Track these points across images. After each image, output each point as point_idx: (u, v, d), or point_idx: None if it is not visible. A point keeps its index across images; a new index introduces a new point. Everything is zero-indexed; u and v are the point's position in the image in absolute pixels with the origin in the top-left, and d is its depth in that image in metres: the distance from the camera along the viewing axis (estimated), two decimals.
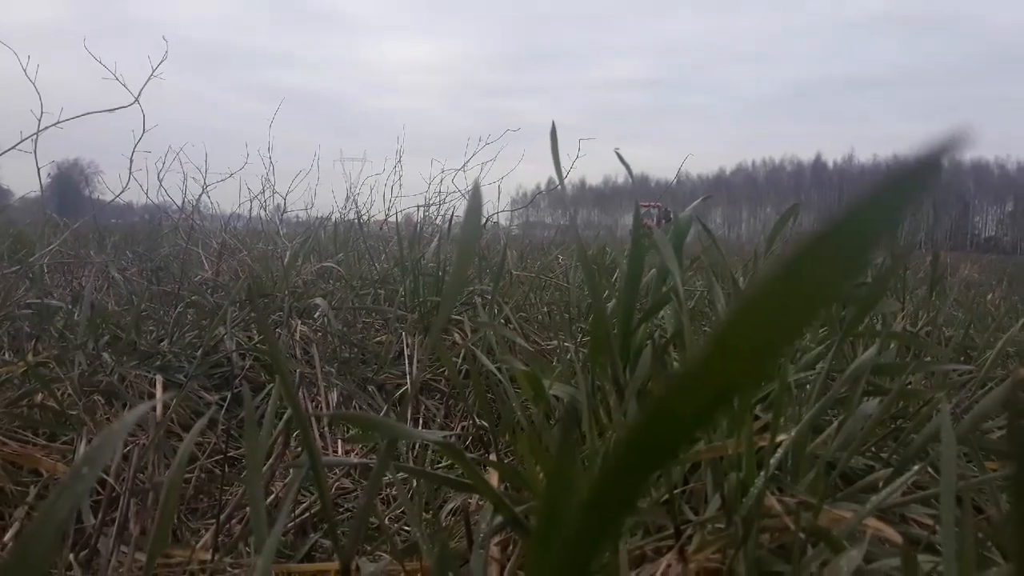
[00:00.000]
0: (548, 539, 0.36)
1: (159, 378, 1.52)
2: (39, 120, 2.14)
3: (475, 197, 0.75)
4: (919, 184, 0.20)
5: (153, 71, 2.43)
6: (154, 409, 1.52)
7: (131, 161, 2.73)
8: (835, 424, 1.09)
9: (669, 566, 0.82)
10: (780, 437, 0.94)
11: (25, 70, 2.33)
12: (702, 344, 0.23)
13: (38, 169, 2.34)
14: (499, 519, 0.86)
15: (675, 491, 0.96)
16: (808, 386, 1.26)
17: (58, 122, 2.17)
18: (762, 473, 0.84)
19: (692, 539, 0.87)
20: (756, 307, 0.22)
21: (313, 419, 1.84)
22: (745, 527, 0.80)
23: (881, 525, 0.81)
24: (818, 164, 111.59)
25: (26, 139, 2.17)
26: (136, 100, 2.39)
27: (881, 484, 0.99)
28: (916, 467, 0.91)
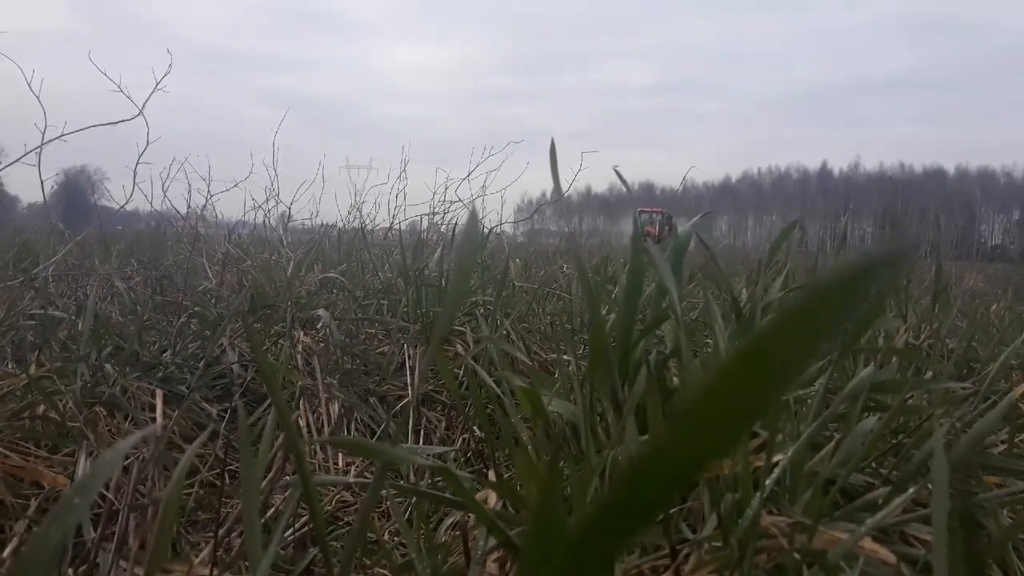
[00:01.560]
0: (537, 568, 0.37)
1: (159, 392, 1.52)
2: (43, 133, 2.15)
3: (472, 218, 0.75)
4: (875, 279, 0.21)
5: (157, 84, 2.44)
6: (155, 420, 1.52)
7: (135, 173, 2.74)
8: (834, 441, 1.09)
9: None
10: (777, 457, 0.94)
11: (29, 83, 2.34)
12: (673, 417, 0.23)
13: (42, 183, 2.35)
14: (494, 540, 0.86)
15: (672, 510, 0.96)
16: (808, 402, 1.26)
17: (62, 135, 2.18)
18: (758, 494, 0.84)
19: (688, 559, 0.87)
20: (724, 383, 0.22)
21: (314, 432, 1.85)
22: (741, 548, 0.80)
23: (876, 547, 0.81)
24: (824, 172, 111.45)
25: (29, 152, 2.18)
26: (140, 112, 2.40)
27: (880, 501, 0.99)
28: (911, 489, 0.91)
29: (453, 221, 4.93)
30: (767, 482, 0.87)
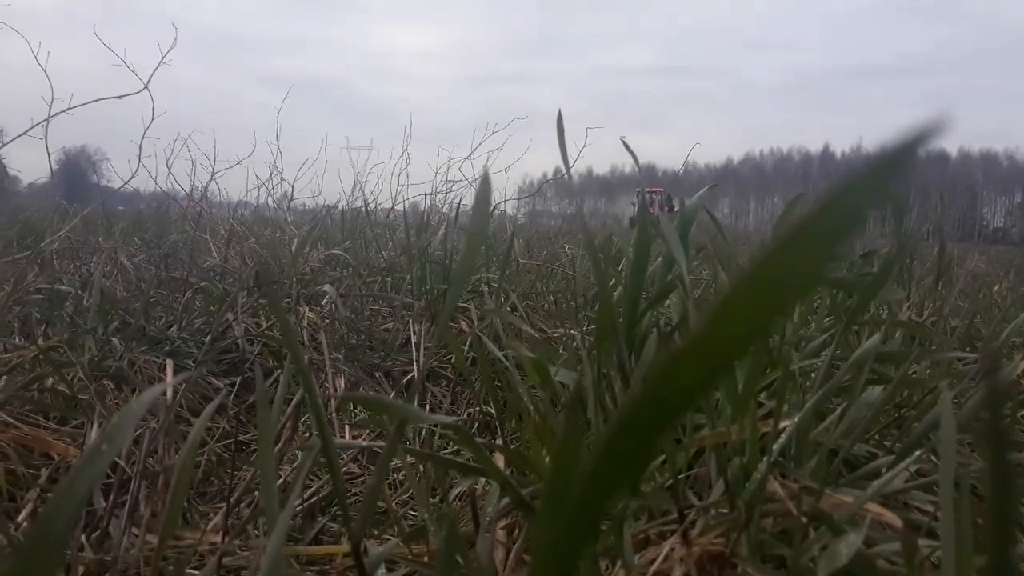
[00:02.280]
0: (553, 516, 0.38)
1: (169, 362, 1.53)
2: (50, 106, 2.15)
3: (484, 186, 0.76)
4: (896, 171, 0.21)
5: (163, 58, 2.44)
6: (164, 393, 1.53)
7: (140, 148, 2.74)
8: (838, 411, 1.10)
9: (672, 549, 0.83)
10: (783, 423, 0.95)
11: (36, 56, 2.34)
12: (698, 322, 0.24)
13: (48, 156, 2.35)
14: (505, 501, 0.87)
15: (679, 476, 0.97)
16: (812, 374, 1.27)
17: (68, 108, 2.18)
18: (765, 458, 0.85)
19: (696, 523, 0.88)
20: (747, 288, 0.23)
21: (322, 404, 1.86)
22: (748, 511, 0.81)
23: (882, 510, 0.82)
24: (826, 154, 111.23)
25: (35, 125, 2.18)
26: (145, 87, 2.40)
27: (884, 470, 1.00)
28: (916, 453, 0.92)
29: (456, 200, 4.93)
30: (774, 447, 0.88)
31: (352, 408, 1.86)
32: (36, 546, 0.49)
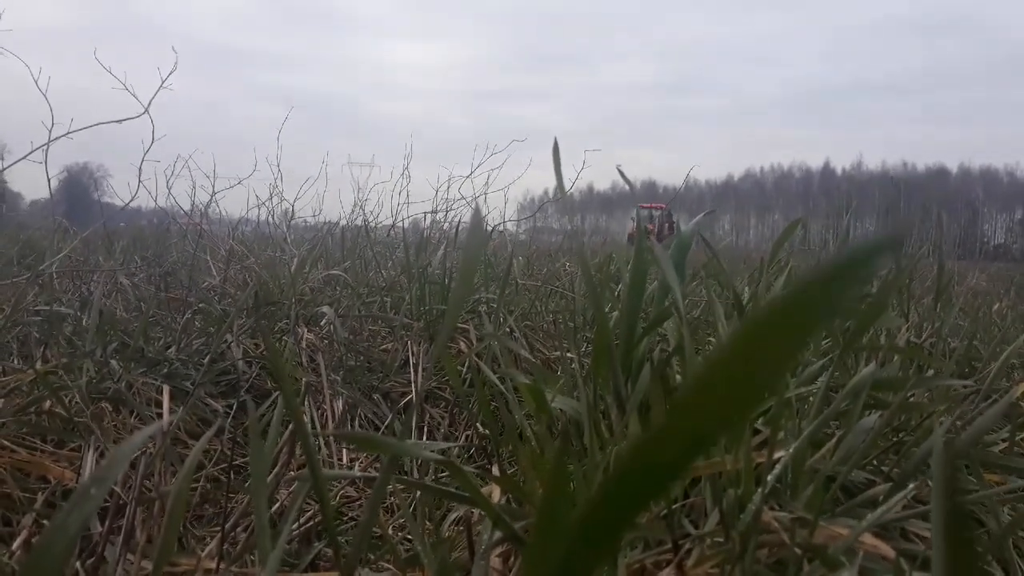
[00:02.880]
0: (542, 557, 0.38)
1: (166, 389, 1.53)
2: (50, 131, 2.16)
3: (477, 214, 0.76)
4: (865, 272, 0.22)
5: (163, 83, 2.45)
6: (160, 416, 1.54)
7: (140, 171, 2.75)
8: (835, 438, 1.10)
9: None
10: (778, 453, 0.95)
11: (36, 80, 2.35)
12: (682, 392, 0.24)
13: (48, 179, 2.36)
14: (499, 534, 0.87)
15: (675, 505, 0.97)
16: (810, 400, 1.26)
17: (68, 133, 2.19)
18: (760, 489, 0.85)
19: (691, 553, 0.88)
20: (723, 367, 0.23)
21: (318, 428, 1.86)
22: (742, 542, 0.81)
23: (876, 542, 0.82)
24: (827, 170, 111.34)
25: (36, 149, 2.19)
26: (145, 111, 2.41)
27: (881, 498, 1.00)
28: (912, 484, 0.92)
29: (456, 219, 4.94)
30: (768, 478, 0.88)
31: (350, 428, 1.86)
32: None
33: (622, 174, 1.30)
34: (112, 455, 0.49)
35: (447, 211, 5.16)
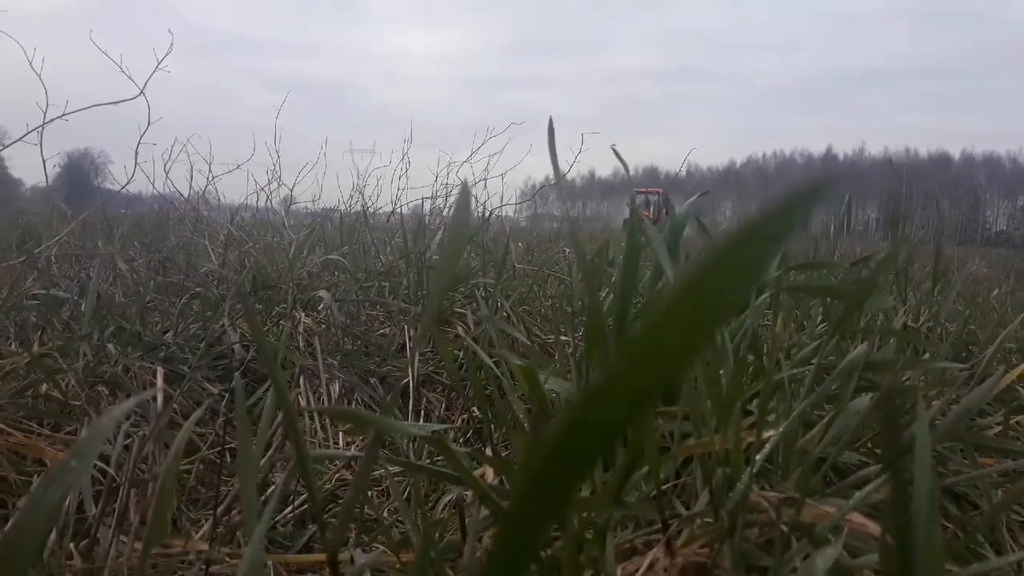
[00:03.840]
0: (515, 512, 0.38)
1: (160, 369, 1.53)
2: (44, 113, 2.15)
3: (464, 194, 0.76)
4: (792, 220, 0.21)
5: (158, 64, 2.44)
6: (155, 399, 1.54)
7: (136, 153, 2.74)
8: (825, 419, 1.10)
9: (656, 559, 0.83)
10: (767, 433, 0.95)
11: (31, 63, 2.34)
12: (616, 354, 0.24)
13: (43, 162, 2.36)
14: (486, 512, 0.87)
15: (667, 485, 0.97)
16: (802, 381, 1.26)
17: (63, 115, 2.18)
18: (749, 468, 0.85)
19: (680, 533, 0.88)
20: (668, 317, 0.23)
21: (314, 410, 1.86)
22: (731, 521, 0.81)
23: (864, 520, 0.82)
24: (828, 157, 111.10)
25: (31, 132, 2.18)
26: (141, 92, 2.40)
27: (872, 479, 1.00)
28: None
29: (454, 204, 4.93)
30: (757, 457, 0.88)
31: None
32: (5, 558, 0.49)
33: (617, 154, 1.29)
34: (93, 427, 0.49)
35: (446, 196, 5.16)
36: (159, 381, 1.42)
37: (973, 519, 1.20)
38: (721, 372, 1.04)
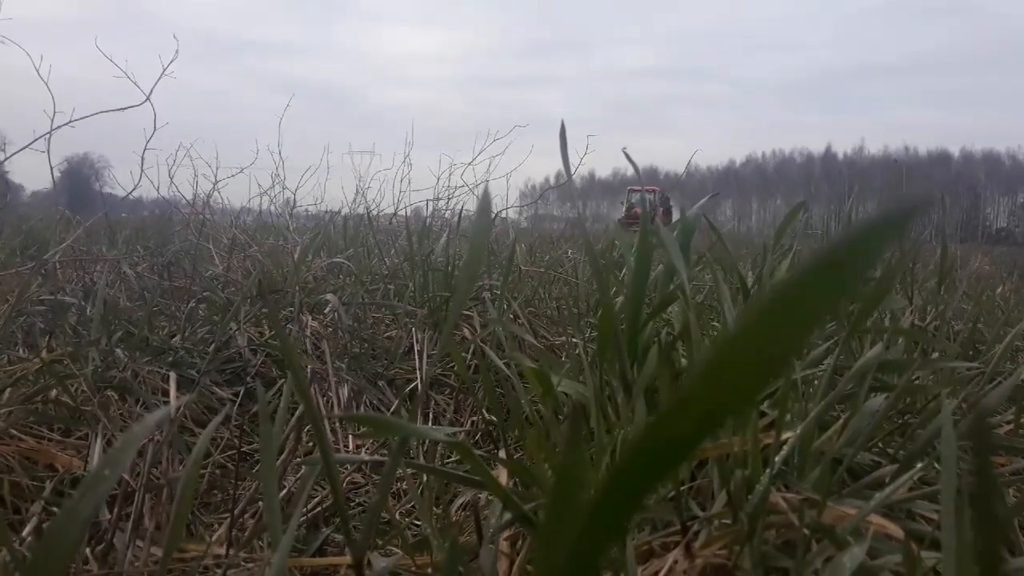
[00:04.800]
0: (554, 538, 0.38)
1: (173, 376, 1.54)
2: (52, 119, 2.16)
3: (485, 198, 0.76)
4: (886, 239, 0.21)
5: (164, 70, 2.44)
6: (166, 403, 1.54)
7: (142, 159, 2.75)
8: (841, 420, 1.10)
9: (676, 562, 0.83)
10: (786, 434, 0.95)
11: (38, 69, 2.35)
12: (694, 371, 0.24)
13: (51, 168, 2.37)
14: (508, 516, 0.87)
15: (682, 487, 0.97)
16: (815, 383, 1.27)
17: (70, 121, 2.19)
18: (767, 470, 0.85)
19: (698, 535, 0.88)
20: (744, 339, 0.23)
21: (324, 414, 1.86)
22: (751, 523, 0.81)
23: (884, 522, 0.82)
24: (828, 155, 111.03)
25: (39, 138, 2.19)
26: (147, 99, 2.40)
27: (887, 480, 1.00)
28: (919, 464, 0.92)
29: (458, 206, 4.94)
30: (776, 459, 0.88)
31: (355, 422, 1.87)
32: (39, 567, 0.49)
33: (627, 155, 1.30)
34: (124, 438, 0.49)
35: (449, 198, 5.16)
36: (172, 388, 1.42)
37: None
38: None
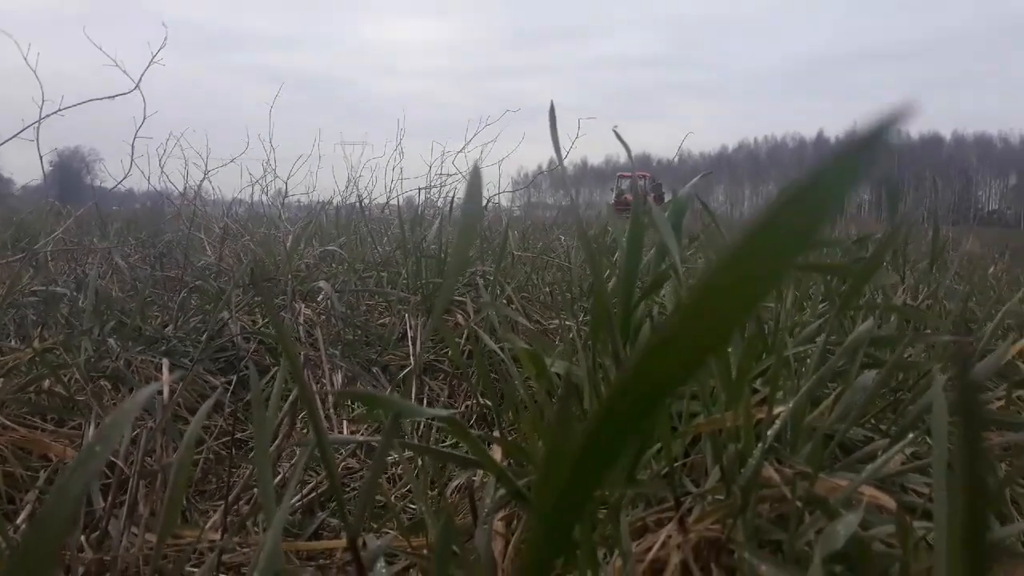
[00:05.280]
0: (546, 497, 0.38)
1: (165, 361, 1.53)
2: (40, 108, 2.15)
3: (475, 178, 0.76)
4: (867, 158, 0.21)
5: (153, 57, 2.43)
6: (160, 392, 1.54)
7: (132, 148, 2.74)
8: (833, 395, 1.11)
9: (669, 536, 0.83)
10: (778, 409, 0.95)
11: (26, 59, 2.33)
12: (676, 309, 0.24)
13: (40, 157, 2.35)
14: (502, 492, 0.88)
15: (675, 464, 0.97)
16: (807, 360, 1.27)
17: (59, 110, 2.18)
18: (760, 444, 0.86)
19: (692, 510, 0.89)
20: (726, 272, 0.23)
21: (319, 400, 1.86)
22: (744, 497, 0.82)
23: (877, 493, 0.82)
24: (820, 140, 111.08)
25: (27, 127, 2.17)
26: (137, 86, 2.39)
27: (880, 454, 1.01)
28: (910, 436, 0.92)
29: (450, 194, 4.93)
30: (769, 433, 0.88)
31: (350, 403, 1.87)
32: (32, 548, 0.49)
33: (618, 136, 1.29)
34: (115, 414, 0.49)
35: (441, 186, 5.15)
36: (164, 373, 1.42)
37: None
38: (730, 350, 1.05)
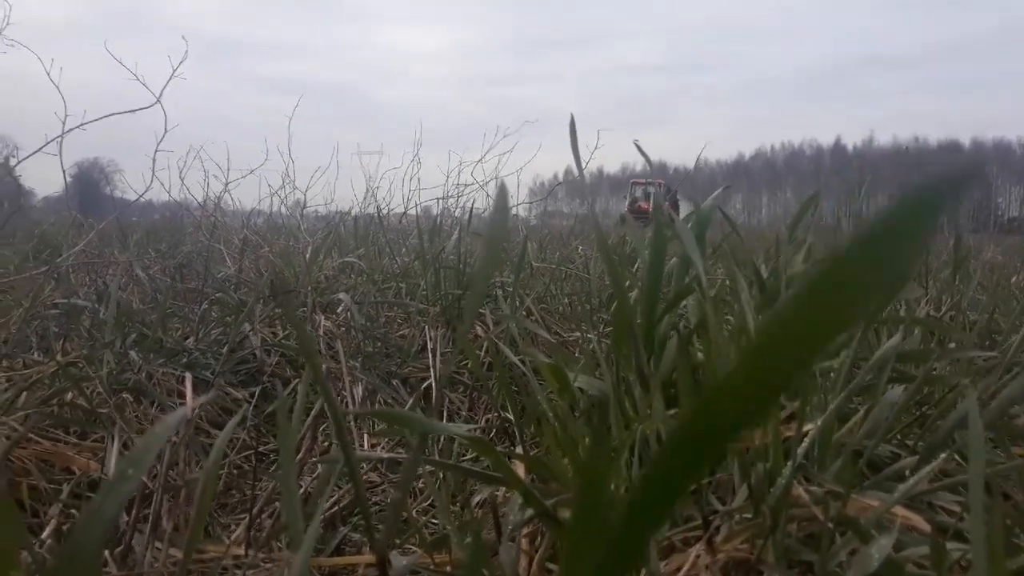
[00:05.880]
0: (583, 537, 0.37)
1: (188, 376, 1.54)
2: (63, 123, 2.16)
3: (501, 195, 0.76)
4: (934, 212, 0.21)
5: (174, 71, 2.45)
6: (182, 405, 1.54)
7: (154, 160, 2.75)
8: (861, 412, 1.09)
9: (698, 556, 0.82)
10: (807, 426, 0.94)
11: (48, 73, 2.35)
12: (733, 360, 0.23)
13: (63, 171, 2.37)
14: (528, 511, 0.87)
15: (702, 482, 0.96)
16: (832, 375, 1.26)
17: (82, 124, 2.19)
18: (789, 463, 0.85)
19: (720, 529, 0.88)
20: (783, 325, 0.22)
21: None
22: (773, 517, 0.81)
23: (909, 513, 0.81)
24: (838, 147, 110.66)
25: (51, 141, 2.19)
26: (157, 100, 2.41)
27: (908, 472, 1.00)
28: (943, 455, 0.91)
29: (468, 204, 4.94)
30: (798, 451, 0.87)
31: (371, 420, 1.87)
32: (66, 569, 0.49)
33: (639, 148, 1.29)
34: (146, 437, 0.49)
35: (459, 196, 5.15)
36: (188, 388, 1.42)
37: (1009, 510, 1.19)
38: None
